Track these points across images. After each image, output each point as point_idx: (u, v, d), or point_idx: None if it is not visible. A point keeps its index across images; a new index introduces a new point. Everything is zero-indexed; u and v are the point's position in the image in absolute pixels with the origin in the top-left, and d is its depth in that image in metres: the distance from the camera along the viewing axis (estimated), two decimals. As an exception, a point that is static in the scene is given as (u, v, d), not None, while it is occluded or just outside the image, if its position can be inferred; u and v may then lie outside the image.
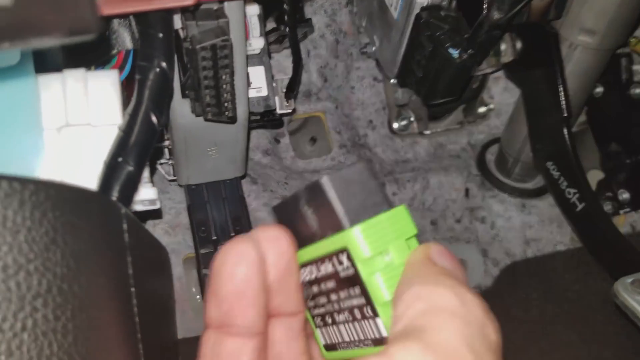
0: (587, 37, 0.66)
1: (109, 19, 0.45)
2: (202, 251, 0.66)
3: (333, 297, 0.24)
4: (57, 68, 0.43)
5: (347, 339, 0.24)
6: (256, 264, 0.22)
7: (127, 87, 0.49)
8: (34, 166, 0.41)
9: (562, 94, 0.68)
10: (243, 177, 0.71)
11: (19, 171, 0.31)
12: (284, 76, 0.65)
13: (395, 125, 0.87)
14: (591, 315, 0.80)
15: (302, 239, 0.24)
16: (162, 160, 0.68)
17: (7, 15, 0.24)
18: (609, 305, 0.73)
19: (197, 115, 0.53)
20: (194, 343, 0.25)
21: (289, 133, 0.87)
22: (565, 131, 0.70)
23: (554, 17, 0.65)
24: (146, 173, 0.45)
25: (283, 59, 0.81)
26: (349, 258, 0.22)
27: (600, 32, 0.65)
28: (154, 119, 0.41)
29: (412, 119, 0.87)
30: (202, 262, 0.65)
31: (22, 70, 0.39)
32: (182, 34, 0.47)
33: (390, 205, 0.23)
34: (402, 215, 0.23)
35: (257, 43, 0.58)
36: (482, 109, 0.87)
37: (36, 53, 0.40)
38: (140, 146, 0.41)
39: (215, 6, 0.46)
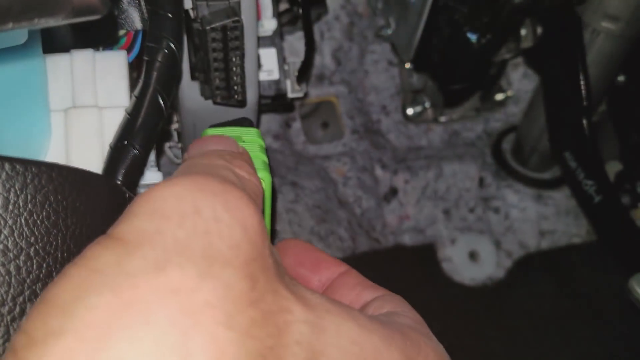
0: (611, 23, 0.64)
1: (117, -3, 0.44)
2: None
3: None
4: (65, 48, 0.42)
5: None
6: None
7: (135, 68, 0.48)
8: (41, 148, 0.41)
9: (583, 82, 0.67)
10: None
11: (26, 153, 0.30)
12: (296, 59, 0.64)
13: (410, 111, 0.86)
14: (605, 310, 0.79)
15: None
16: (171, 144, 0.67)
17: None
18: (624, 300, 0.72)
19: (206, 99, 0.52)
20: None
21: (301, 117, 0.86)
22: (585, 121, 0.68)
23: (577, 1, 0.63)
24: (152, 157, 0.44)
25: (296, 41, 0.80)
26: None
27: (624, 19, 0.63)
28: (161, 101, 0.40)
29: (426, 105, 0.85)
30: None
31: (29, 50, 0.38)
32: (192, 14, 0.46)
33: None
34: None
35: (269, 24, 0.56)
36: (499, 96, 0.85)
37: (44, 32, 0.39)
38: (147, 129, 0.40)
39: (226, -14, 0.44)
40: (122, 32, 0.45)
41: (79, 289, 0.15)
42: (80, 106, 0.42)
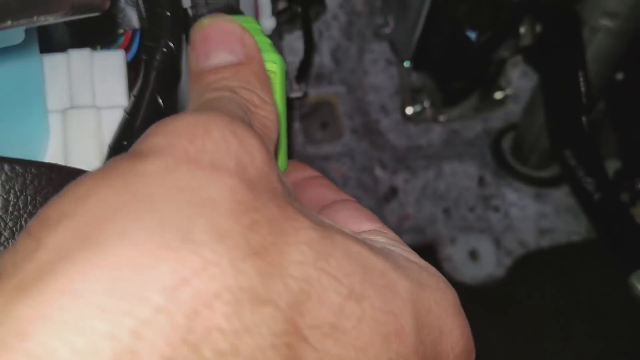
0: (610, 20, 0.64)
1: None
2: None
3: None
4: (62, 48, 0.42)
5: None
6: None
7: (134, 68, 0.48)
8: (39, 149, 0.40)
9: (582, 79, 0.67)
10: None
11: (24, 155, 0.30)
12: (295, 58, 0.64)
13: (409, 111, 0.86)
14: (606, 307, 0.79)
15: None
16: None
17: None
18: (624, 297, 0.72)
19: (205, 98, 0.52)
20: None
21: (299, 118, 0.86)
22: (584, 118, 0.68)
23: (576, -1, 0.63)
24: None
25: (294, 40, 0.80)
26: None
27: (623, 15, 0.63)
28: (160, 101, 0.40)
29: (426, 104, 0.85)
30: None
31: (26, 50, 0.38)
32: (191, 13, 0.46)
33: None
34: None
35: (267, 23, 0.56)
36: (498, 95, 0.85)
37: (41, 32, 0.39)
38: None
39: (224, -16, 0.44)
40: (119, 31, 0.45)
41: (93, 184, 0.17)
42: (78, 106, 0.41)
